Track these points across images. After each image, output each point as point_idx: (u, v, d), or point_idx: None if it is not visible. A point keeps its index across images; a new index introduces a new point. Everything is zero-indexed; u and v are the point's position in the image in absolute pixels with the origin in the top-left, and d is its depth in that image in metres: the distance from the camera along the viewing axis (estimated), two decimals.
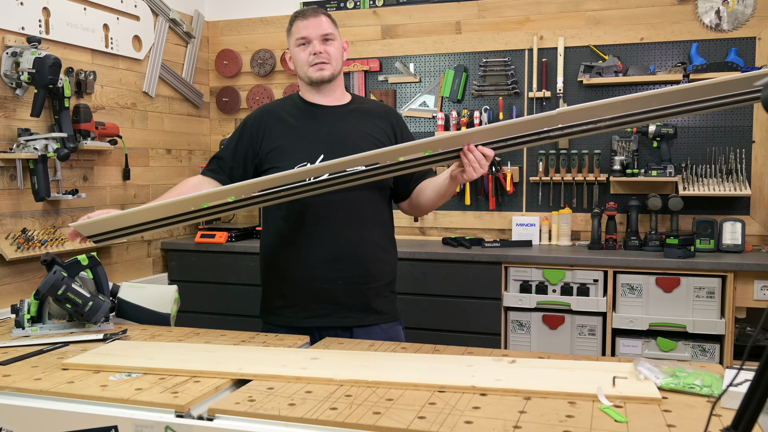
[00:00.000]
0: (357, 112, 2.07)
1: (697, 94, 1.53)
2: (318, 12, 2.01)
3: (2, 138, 2.88)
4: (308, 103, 2.07)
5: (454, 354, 1.68)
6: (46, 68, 2.80)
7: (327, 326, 1.99)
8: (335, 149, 1.93)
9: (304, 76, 2.03)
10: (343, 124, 2.03)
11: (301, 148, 1.98)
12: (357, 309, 2.00)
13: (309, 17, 1.99)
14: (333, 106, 2.07)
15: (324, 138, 1.99)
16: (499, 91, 3.82)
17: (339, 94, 2.09)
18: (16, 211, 2.96)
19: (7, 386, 1.45)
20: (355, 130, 2.02)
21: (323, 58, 1.99)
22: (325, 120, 2.03)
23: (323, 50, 1.99)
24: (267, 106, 2.13)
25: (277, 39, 4.22)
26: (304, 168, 1.78)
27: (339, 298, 1.98)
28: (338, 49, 2.03)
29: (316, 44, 1.98)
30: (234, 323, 3.45)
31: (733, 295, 3.02)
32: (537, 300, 3.26)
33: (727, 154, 3.51)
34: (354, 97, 2.13)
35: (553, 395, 1.34)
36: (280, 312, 2.04)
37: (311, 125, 2.03)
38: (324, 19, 2.01)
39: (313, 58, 1.99)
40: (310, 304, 1.99)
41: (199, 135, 4.30)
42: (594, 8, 3.68)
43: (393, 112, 2.16)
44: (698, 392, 1.34)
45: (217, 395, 1.42)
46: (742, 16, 3.45)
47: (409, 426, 1.19)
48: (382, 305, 2.05)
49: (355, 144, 1.95)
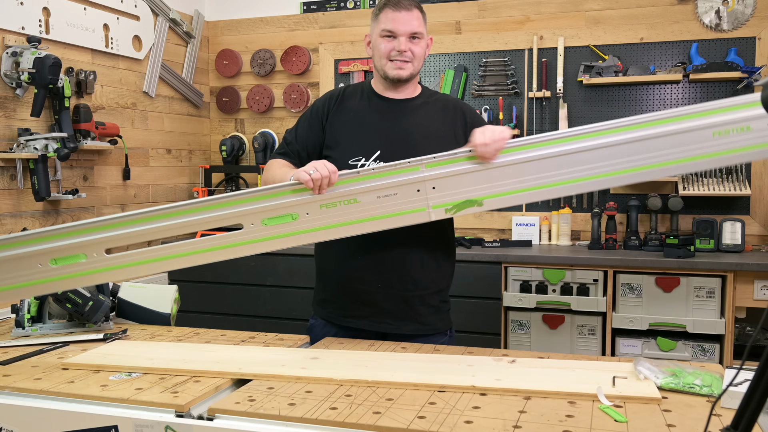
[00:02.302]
0: (424, 108, 1.93)
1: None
2: (411, 5, 1.85)
3: (2, 138, 2.88)
4: (376, 94, 1.94)
5: (454, 354, 1.68)
6: (46, 68, 2.80)
7: (365, 329, 1.90)
8: (393, 147, 1.84)
9: (381, 69, 1.89)
10: (406, 121, 1.90)
11: (357, 142, 1.88)
12: (395, 316, 1.89)
13: (401, 9, 1.83)
14: (400, 99, 1.93)
15: (384, 134, 1.88)
16: (499, 91, 3.82)
17: (410, 89, 1.95)
18: (16, 211, 2.96)
19: (7, 386, 1.45)
20: (419, 128, 1.89)
21: (406, 57, 1.85)
22: (388, 114, 1.91)
23: (408, 49, 1.84)
24: (335, 91, 1.99)
25: (277, 39, 4.22)
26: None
27: (378, 302, 1.88)
28: (423, 48, 1.89)
29: (402, 41, 1.83)
30: (234, 323, 3.45)
31: (733, 294, 3.02)
32: (537, 300, 3.26)
33: None
34: (423, 90, 1.99)
35: (553, 395, 1.34)
36: (324, 305, 1.99)
37: (373, 118, 1.91)
38: (416, 14, 1.85)
39: (395, 54, 1.85)
40: (349, 303, 1.92)
41: (199, 135, 4.30)
42: (594, 8, 3.67)
43: (463, 106, 1.98)
44: (698, 392, 1.34)
45: (217, 395, 1.42)
46: (742, 16, 3.45)
47: (409, 426, 1.19)
48: (425, 315, 1.92)
49: (416, 143, 1.83)
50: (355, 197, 1.64)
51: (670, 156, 1.54)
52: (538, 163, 1.60)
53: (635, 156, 1.55)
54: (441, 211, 1.65)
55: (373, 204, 1.64)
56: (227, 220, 1.65)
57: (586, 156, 1.57)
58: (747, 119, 1.49)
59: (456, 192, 1.64)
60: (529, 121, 3.78)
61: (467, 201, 1.64)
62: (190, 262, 1.67)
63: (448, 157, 1.64)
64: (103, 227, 1.64)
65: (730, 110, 1.50)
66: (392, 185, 1.63)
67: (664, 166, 1.55)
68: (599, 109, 3.69)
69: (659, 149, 1.54)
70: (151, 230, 1.64)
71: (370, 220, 1.64)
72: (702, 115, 1.52)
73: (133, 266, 1.66)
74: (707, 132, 1.51)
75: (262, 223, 1.64)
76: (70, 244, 1.63)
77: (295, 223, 1.64)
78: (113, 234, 1.64)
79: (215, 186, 4.14)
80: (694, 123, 1.52)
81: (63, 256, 1.64)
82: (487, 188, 1.63)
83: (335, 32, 4.11)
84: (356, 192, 1.64)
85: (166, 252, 1.67)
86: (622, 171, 1.56)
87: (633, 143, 1.55)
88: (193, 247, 1.67)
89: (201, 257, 1.66)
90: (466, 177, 1.63)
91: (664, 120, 1.54)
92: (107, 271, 1.66)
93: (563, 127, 3.68)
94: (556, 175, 1.59)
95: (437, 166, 1.63)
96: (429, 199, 1.64)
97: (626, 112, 3.65)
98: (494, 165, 1.62)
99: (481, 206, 1.64)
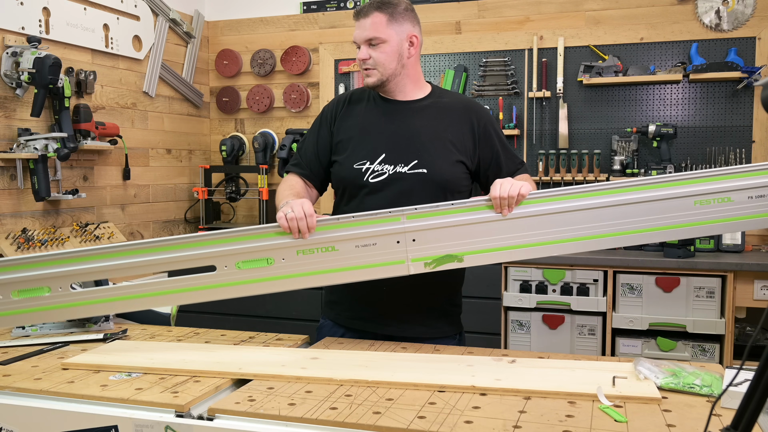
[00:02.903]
0: (432, 108, 1.87)
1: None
2: (369, 12, 1.79)
3: (2, 138, 2.88)
4: (381, 97, 1.90)
5: (454, 354, 1.68)
6: (46, 68, 2.80)
7: (372, 332, 1.88)
8: (399, 149, 1.81)
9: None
10: (412, 122, 1.84)
11: (362, 146, 1.84)
12: (402, 319, 1.86)
13: (360, 17, 1.81)
14: (405, 101, 1.87)
15: (388, 136, 1.84)
16: (499, 91, 3.82)
17: (410, 89, 1.88)
18: (16, 211, 2.96)
19: (7, 386, 1.45)
20: (426, 129, 1.83)
21: (368, 65, 1.81)
22: (393, 117, 1.86)
23: (367, 56, 1.80)
24: (343, 95, 1.97)
25: (277, 39, 4.22)
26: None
27: (385, 305, 1.85)
28: (387, 52, 1.80)
29: (362, 50, 1.81)
30: (234, 323, 3.45)
31: (733, 294, 3.02)
32: (537, 300, 3.26)
33: (727, 154, 3.51)
34: (434, 89, 1.92)
35: (553, 395, 1.34)
36: (333, 307, 1.98)
37: (378, 121, 1.87)
38: (373, 19, 1.78)
39: (361, 63, 1.83)
40: (357, 305, 1.91)
41: (199, 135, 4.30)
42: (594, 8, 3.68)
43: (475, 108, 1.89)
44: (698, 392, 1.34)
45: (217, 395, 1.42)
46: (742, 16, 3.45)
47: (409, 426, 1.19)
48: (433, 318, 1.89)
49: (423, 145, 1.80)
50: (334, 245, 1.59)
51: (651, 223, 1.52)
52: (519, 221, 1.57)
53: (616, 221, 1.54)
54: (420, 265, 1.59)
55: (351, 253, 1.59)
56: (200, 260, 1.60)
57: (567, 217, 1.55)
58: (727, 190, 1.49)
59: (436, 246, 1.58)
60: (529, 122, 3.78)
61: (447, 256, 1.59)
62: (156, 304, 1.63)
63: (439, 209, 1.59)
64: (70, 260, 1.60)
65: (710, 180, 1.49)
66: (372, 234, 1.59)
67: (645, 233, 1.53)
68: (599, 109, 3.69)
69: (640, 215, 1.52)
70: (119, 266, 1.61)
71: (348, 270, 1.60)
72: (683, 183, 1.51)
73: (97, 303, 1.63)
74: (689, 200, 1.50)
75: (236, 266, 1.60)
76: (33, 276, 1.60)
77: (270, 268, 1.60)
78: (80, 268, 1.60)
79: (215, 186, 4.14)
80: (676, 191, 1.51)
81: (26, 288, 1.61)
82: (468, 244, 1.58)
83: (335, 32, 4.11)
84: (335, 239, 1.59)
85: (132, 291, 1.63)
86: (603, 235, 1.54)
87: (614, 207, 1.53)
88: (162, 287, 1.63)
89: (169, 299, 1.63)
90: (448, 231, 1.58)
91: (646, 186, 1.52)
92: (71, 306, 1.63)
93: (563, 127, 3.69)
94: (536, 235, 1.57)
95: (419, 217, 1.59)
96: (409, 251, 1.58)
97: (626, 112, 3.65)
98: (475, 221, 1.58)
99: (462, 262, 1.58)
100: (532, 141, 3.79)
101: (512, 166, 1.87)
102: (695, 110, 3.56)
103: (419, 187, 1.79)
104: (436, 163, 1.79)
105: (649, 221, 1.52)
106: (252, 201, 4.29)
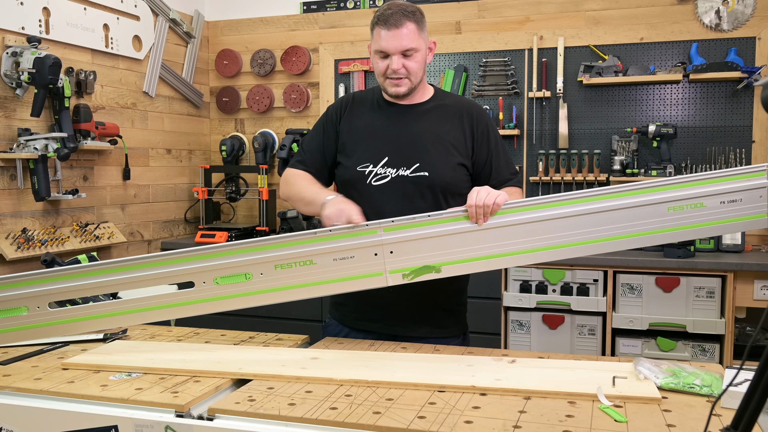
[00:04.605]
0: (435, 111, 1.88)
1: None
2: (401, 21, 1.75)
3: (2, 138, 2.88)
4: (384, 100, 1.90)
5: (454, 354, 1.68)
6: (46, 68, 2.80)
7: (377, 332, 1.89)
8: (401, 153, 1.82)
9: (381, 85, 1.87)
10: (416, 126, 1.85)
11: (365, 149, 1.85)
12: (408, 319, 1.87)
13: (391, 27, 1.75)
14: (408, 105, 1.88)
15: (391, 140, 1.84)
16: (499, 91, 3.82)
17: (419, 94, 1.89)
18: (16, 211, 2.96)
19: (7, 386, 1.45)
20: (428, 133, 1.84)
21: (401, 74, 1.79)
22: (397, 120, 1.87)
23: (401, 66, 1.78)
24: (347, 96, 1.97)
25: (277, 39, 4.23)
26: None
27: (390, 306, 1.85)
28: (419, 61, 1.81)
29: (395, 60, 1.77)
30: (234, 323, 3.44)
31: (733, 294, 3.02)
32: (537, 300, 3.26)
33: (727, 154, 3.51)
34: (436, 92, 1.93)
35: (553, 395, 1.34)
36: (338, 308, 1.98)
37: (382, 124, 1.87)
38: (407, 29, 1.76)
39: (390, 73, 1.79)
40: (362, 306, 1.91)
41: (199, 135, 4.30)
42: (594, 8, 3.68)
43: (473, 109, 1.89)
44: (698, 392, 1.34)
45: (217, 395, 1.42)
46: (742, 16, 3.45)
47: (409, 426, 1.20)
48: (439, 318, 1.89)
49: (425, 148, 1.81)
50: (312, 258, 1.59)
51: (626, 230, 1.52)
52: (494, 231, 1.57)
53: (592, 228, 1.54)
54: (398, 276, 1.59)
55: (329, 266, 1.59)
56: (178, 277, 1.61)
57: (542, 226, 1.55)
58: (699, 196, 1.49)
59: (414, 257, 1.58)
60: (529, 122, 3.78)
61: (425, 267, 1.59)
62: (136, 320, 1.64)
63: (416, 221, 1.58)
64: (48, 279, 1.60)
65: (683, 187, 1.50)
66: (349, 248, 1.59)
67: (619, 239, 1.53)
68: (599, 109, 3.69)
69: (615, 222, 1.52)
70: (97, 284, 1.61)
71: (326, 283, 1.60)
72: (657, 190, 1.51)
73: (75, 322, 1.63)
74: (663, 207, 1.51)
75: (214, 282, 1.60)
76: (10, 296, 1.60)
77: (248, 283, 1.60)
78: (58, 287, 1.60)
79: (215, 186, 4.14)
80: (649, 197, 1.51)
81: (4, 308, 1.61)
82: (445, 254, 1.58)
83: (335, 32, 4.11)
84: (312, 253, 1.59)
85: (111, 309, 1.63)
86: (577, 243, 1.54)
87: (590, 215, 1.53)
88: (141, 304, 1.63)
89: (147, 315, 1.63)
90: (425, 242, 1.57)
91: (621, 193, 1.52)
92: (49, 325, 1.63)
93: (563, 127, 3.69)
94: (511, 245, 1.57)
95: (396, 230, 1.58)
96: (387, 263, 1.58)
97: (626, 112, 3.65)
98: (451, 232, 1.58)
99: (439, 273, 1.59)
100: (532, 141, 3.79)
101: (505, 173, 1.87)
102: (695, 110, 3.56)
103: (421, 190, 1.80)
104: (437, 167, 1.80)
105: (624, 228, 1.53)
106: (252, 201, 4.29)
